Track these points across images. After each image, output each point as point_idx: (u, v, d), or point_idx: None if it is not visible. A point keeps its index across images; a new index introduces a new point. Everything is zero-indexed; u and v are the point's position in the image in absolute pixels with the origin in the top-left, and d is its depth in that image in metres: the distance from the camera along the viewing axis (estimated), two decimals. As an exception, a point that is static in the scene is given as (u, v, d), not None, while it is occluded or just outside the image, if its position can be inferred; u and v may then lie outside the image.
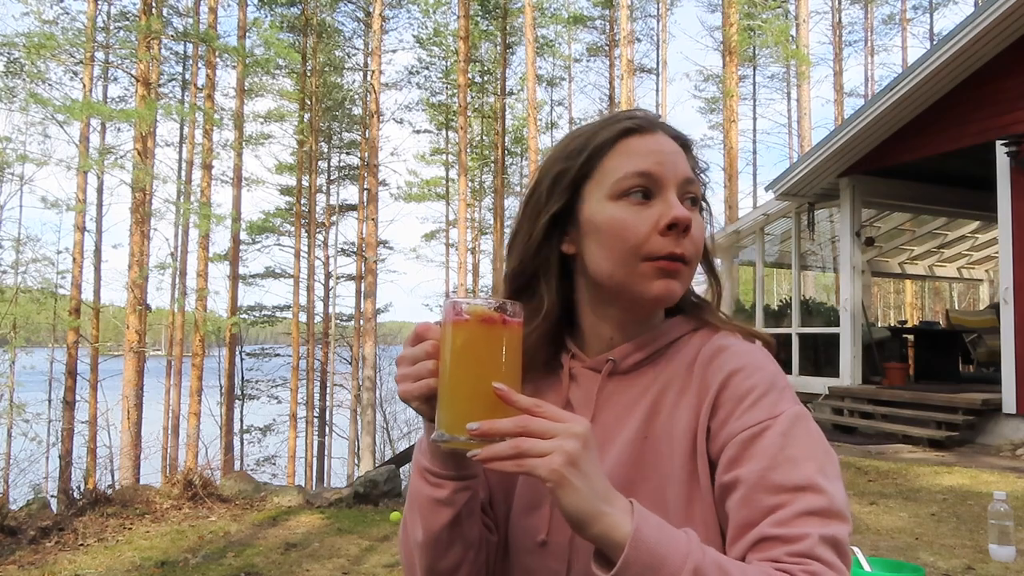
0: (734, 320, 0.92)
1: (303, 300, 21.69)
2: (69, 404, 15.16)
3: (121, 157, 16.73)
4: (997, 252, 9.18)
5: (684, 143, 0.90)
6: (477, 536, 0.86)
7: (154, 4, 15.65)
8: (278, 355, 23.18)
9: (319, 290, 22.96)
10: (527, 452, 0.66)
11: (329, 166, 24.32)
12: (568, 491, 0.65)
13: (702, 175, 0.91)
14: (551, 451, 0.65)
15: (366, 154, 19.74)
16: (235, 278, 19.39)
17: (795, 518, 0.70)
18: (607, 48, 26.12)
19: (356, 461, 19.82)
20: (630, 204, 0.84)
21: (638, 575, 0.65)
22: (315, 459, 21.50)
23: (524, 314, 0.75)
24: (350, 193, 25.62)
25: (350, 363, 22.70)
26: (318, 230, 23.05)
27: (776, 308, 12.45)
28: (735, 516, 0.74)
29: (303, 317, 21.58)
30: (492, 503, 0.93)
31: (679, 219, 0.82)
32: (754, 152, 27.77)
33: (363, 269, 20.43)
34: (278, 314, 23.41)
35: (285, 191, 23.16)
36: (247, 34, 18.94)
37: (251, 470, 18.71)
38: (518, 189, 27.16)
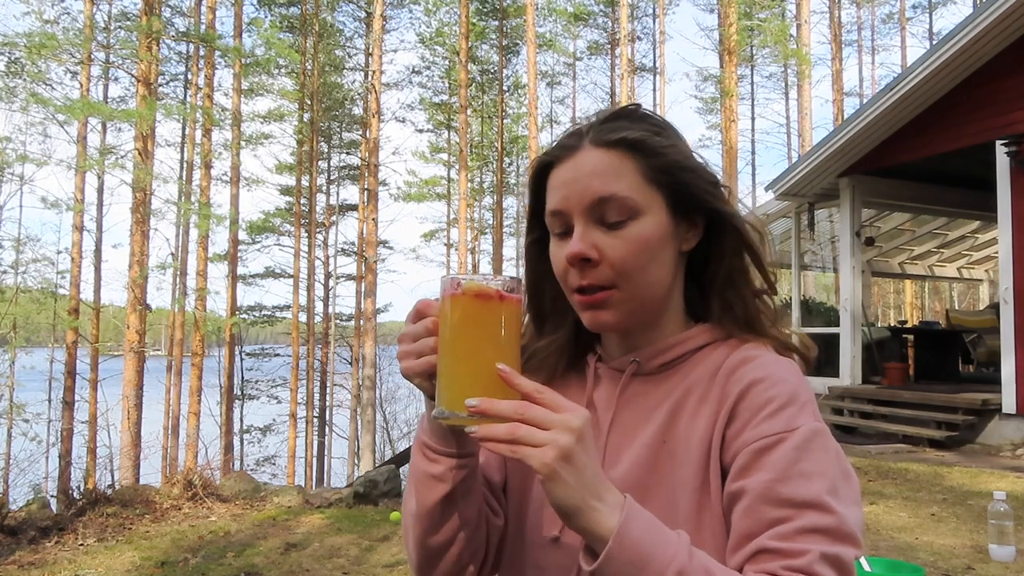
0: (771, 331, 0.89)
1: (303, 300, 21.70)
2: (69, 404, 15.15)
3: (122, 157, 16.72)
4: (997, 252, 9.19)
5: (627, 144, 0.84)
6: (473, 515, 0.86)
7: (155, 4, 15.65)
8: (278, 355, 23.17)
9: (319, 290, 22.99)
10: (522, 440, 0.66)
11: (329, 166, 24.33)
12: (558, 484, 0.66)
13: (658, 173, 0.84)
14: (545, 443, 0.66)
15: (366, 154, 19.75)
16: (234, 278, 19.40)
17: (797, 534, 0.69)
18: (608, 47, 26.14)
19: (356, 461, 19.82)
20: (556, 241, 0.87)
21: (621, 571, 0.65)
22: (315, 459, 21.50)
23: (521, 289, 0.75)
24: (350, 193, 25.65)
25: (350, 363, 22.70)
26: (318, 230, 23.05)
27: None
28: (737, 525, 0.73)
29: (303, 317, 21.59)
30: (506, 489, 0.94)
31: (568, 256, 0.83)
32: (753, 152, 27.82)
33: (363, 269, 20.44)
34: (278, 314, 23.42)
35: (285, 191, 23.16)
36: (248, 34, 18.95)
37: (251, 470, 18.71)
38: (517, 188, 27.18)
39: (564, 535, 0.86)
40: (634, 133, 0.85)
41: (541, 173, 0.89)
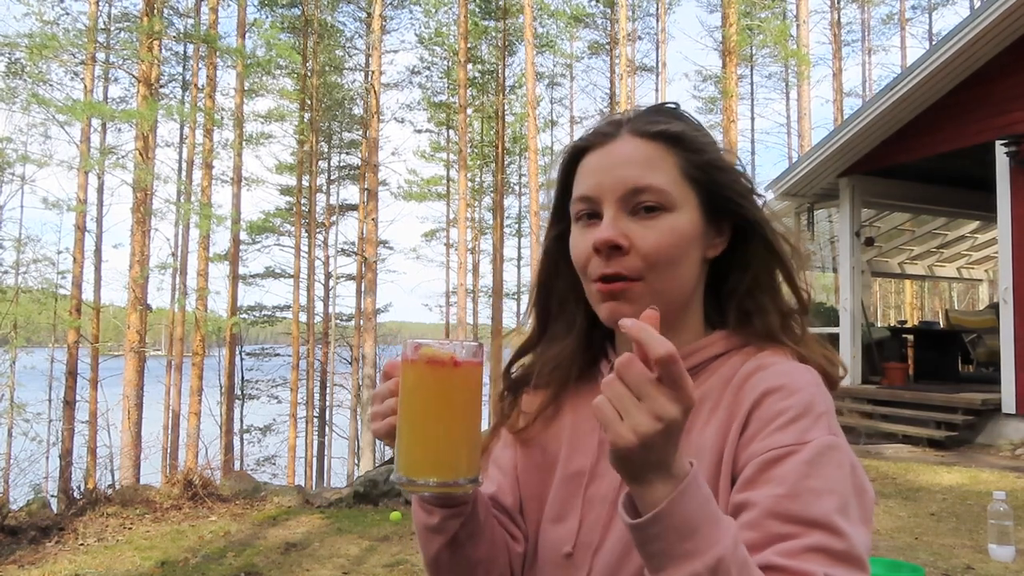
0: (790, 342, 0.84)
1: (303, 300, 21.71)
2: (69, 404, 15.16)
3: (122, 157, 16.74)
4: (997, 252, 9.18)
5: (667, 136, 0.83)
6: (485, 553, 0.86)
7: (155, 5, 15.65)
8: (278, 355, 23.19)
9: (319, 290, 23.00)
10: (610, 399, 0.63)
11: (329, 166, 24.34)
12: (621, 460, 0.63)
13: (695, 170, 0.83)
14: (627, 420, 0.61)
15: (366, 154, 19.75)
16: (235, 278, 19.39)
17: (803, 552, 0.66)
18: (608, 47, 26.13)
19: (356, 461, 19.82)
20: (581, 227, 0.85)
21: (662, 533, 0.62)
22: (315, 459, 21.51)
23: (483, 355, 0.74)
24: (350, 193, 25.67)
25: (350, 363, 22.71)
26: (318, 230, 23.06)
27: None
28: (741, 536, 0.69)
29: (303, 317, 21.60)
30: (524, 511, 0.92)
31: (596, 242, 0.81)
32: (752, 152, 27.81)
33: (363, 269, 20.45)
34: (278, 314, 23.43)
35: (285, 191, 23.18)
36: (248, 34, 18.94)
37: (251, 470, 18.71)
38: (518, 188, 27.18)
39: (576, 552, 0.84)
40: (675, 127, 0.84)
41: (573, 159, 0.88)
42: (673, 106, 0.89)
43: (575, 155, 0.88)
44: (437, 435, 0.71)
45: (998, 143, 7.84)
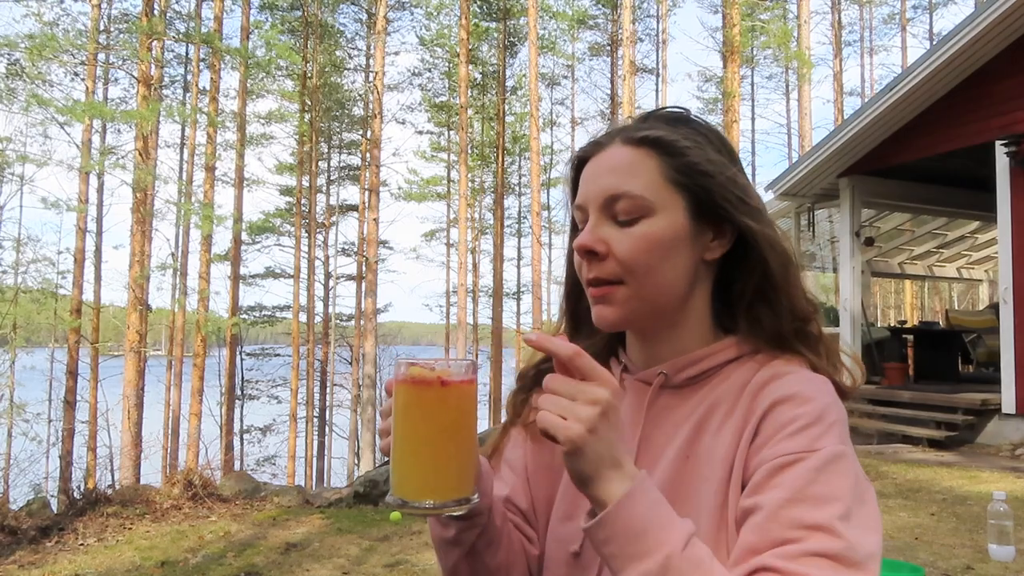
0: (803, 349, 0.85)
1: (303, 300, 21.71)
2: (69, 404, 15.17)
3: (122, 158, 16.74)
4: (997, 252, 9.18)
5: (648, 142, 0.84)
6: (504, 559, 0.86)
7: (155, 5, 15.65)
8: (278, 355, 23.19)
9: (319, 290, 23.00)
10: (549, 409, 0.68)
11: (329, 166, 24.35)
12: (578, 457, 0.67)
13: (678, 173, 0.83)
14: (568, 417, 0.67)
15: (367, 154, 19.75)
16: (236, 278, 19.40)
17: (803, 556, 0.67)
18: (609, 48, 26.13)
19: (356, 461, 19.82)
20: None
21: (611, 537, 0.67)
22: (315, 459, 21.51)
23: (475, 372, 0.74)
24: (350, 193, 25.73)
25: (350, 363, 22.72)
26: (318, 230, 23.07)
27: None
28: (743, 539, 0.71)
29: (303, 317, 21.60)
30: (536, 513, 0.93)
31: (576, 247, 0.84)
32: (753, 152, 27.82)
33: (363, 269, 20.45)
34: (278, 314, 23.44)
35: (285, 191, 23.19)
36: (249, 36, 18.95)
37: (251, 470, 18.72)
38: (518, 188, 27.18)
39: (584, 550, 0.85)
40: (659, 132, 0.84)
41: (577, 169, 0.90)
42: (680, 111, 0.90)
43: (578, 165, 0.90)
44: (427, 457, 0.70)
45: (998, 143, 7.84)
